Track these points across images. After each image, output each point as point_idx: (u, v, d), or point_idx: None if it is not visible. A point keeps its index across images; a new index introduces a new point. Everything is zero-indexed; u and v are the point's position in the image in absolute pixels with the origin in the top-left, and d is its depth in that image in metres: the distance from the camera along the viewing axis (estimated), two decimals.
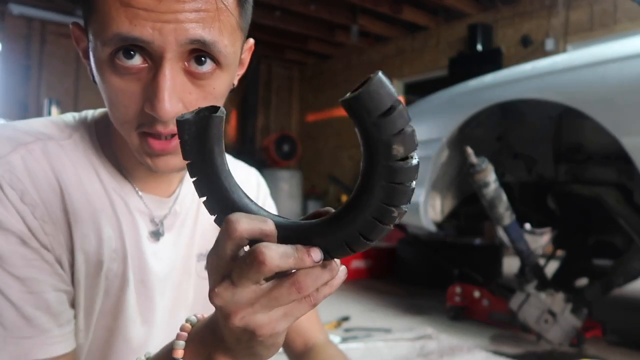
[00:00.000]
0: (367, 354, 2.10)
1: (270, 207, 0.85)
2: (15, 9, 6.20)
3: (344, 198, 7.69)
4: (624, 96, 1.73)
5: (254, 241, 0.38)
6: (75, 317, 0.62)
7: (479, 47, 5.86)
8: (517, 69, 2.25)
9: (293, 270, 0.38)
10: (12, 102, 6.40)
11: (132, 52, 0.51)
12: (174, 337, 0.71)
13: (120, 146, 0.64)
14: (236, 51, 0.57)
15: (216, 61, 0.54)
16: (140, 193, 0.65)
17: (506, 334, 2.43)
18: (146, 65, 0.52)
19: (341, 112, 8.08)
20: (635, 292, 3.31)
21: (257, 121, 8.19)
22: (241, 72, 0.65)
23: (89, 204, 0.61)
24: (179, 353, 0.47)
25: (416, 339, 2.31)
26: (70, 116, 0.66)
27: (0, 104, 6.34)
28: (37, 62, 6.57)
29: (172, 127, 0.54)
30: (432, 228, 2.51)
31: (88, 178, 0.62)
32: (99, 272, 0.62)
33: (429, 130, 2.51)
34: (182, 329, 0.48)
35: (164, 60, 0.51)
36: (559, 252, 2.89)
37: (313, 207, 8.01)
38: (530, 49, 5.55)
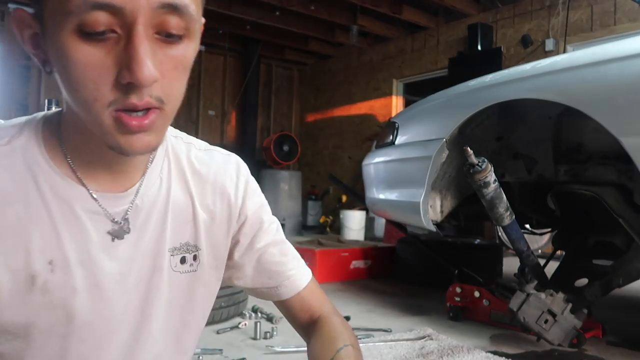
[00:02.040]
0: (367, 354, 2.10)
1: (253, 194, 0.81)
2: None
3: (344, 198, 7.68)
4: (624, 96, 1.72)
5: None
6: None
7: (479, 47, 5.86)
8: (517, 69, 2.25)
9: None
10: (11, 102, 6.40)
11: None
12: (143, 331, 0.68)
13: (74, 144, 0.61)
14: (199, 20, 0.57)
15: (185, 28, 0.54)
16: (94, 194, 0.62)
17: (506, 334, 2.42)
18: (115, 35, 0.51)
19: (341, 112, 8.09)
20: (635, 292, 3.31)
21: (257, 121, 8.19)
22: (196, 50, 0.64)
23: (16, 216, 0.58)
24: None
25: (416, 339, 2.31)
26: (18, 120, 0.63)
27: (0, 104, 6.33)
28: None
29: (147, 100, 0.53)
30: (432, 228, 2.51)
31: (22, 187, 0.59)
32: (30, 287, 0.59)
33: (429, 130, 2.51)
34: None
35: (136, 24, 0.50)
36: (559, 252, 2.89)
37: (313, 207, 8.01)
38: (530, 49, 5.55)
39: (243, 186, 0.79)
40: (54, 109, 0.66)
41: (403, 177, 2.67)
